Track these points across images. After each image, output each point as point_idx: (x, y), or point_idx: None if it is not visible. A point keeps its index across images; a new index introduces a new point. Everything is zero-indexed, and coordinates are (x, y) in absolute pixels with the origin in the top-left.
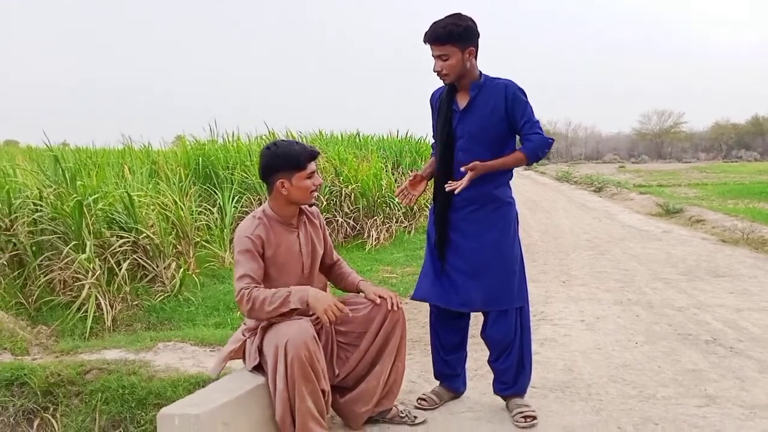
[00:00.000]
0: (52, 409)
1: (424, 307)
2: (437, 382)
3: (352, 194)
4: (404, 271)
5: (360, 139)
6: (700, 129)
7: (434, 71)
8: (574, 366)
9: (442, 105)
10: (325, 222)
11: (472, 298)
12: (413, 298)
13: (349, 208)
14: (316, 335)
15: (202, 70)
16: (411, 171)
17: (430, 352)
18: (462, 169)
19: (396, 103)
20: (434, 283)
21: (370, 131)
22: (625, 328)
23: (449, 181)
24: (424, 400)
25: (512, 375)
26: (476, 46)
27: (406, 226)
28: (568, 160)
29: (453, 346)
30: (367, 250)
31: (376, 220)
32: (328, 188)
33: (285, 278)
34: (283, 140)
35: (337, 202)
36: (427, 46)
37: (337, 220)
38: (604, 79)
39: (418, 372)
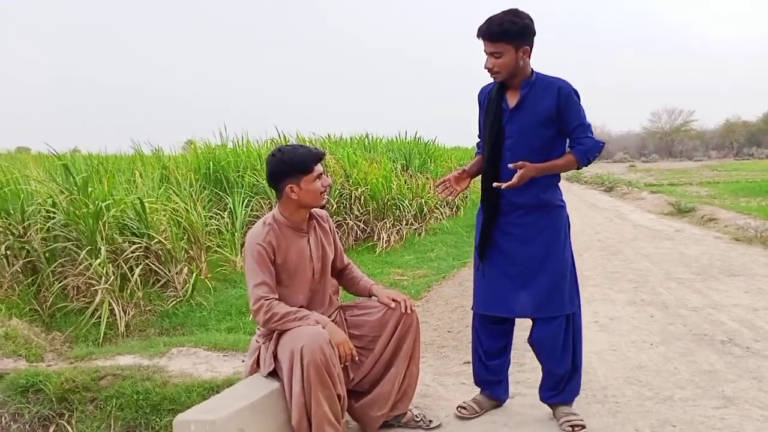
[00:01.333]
0: (67, 415)
1: (437, 311)
2: (450, 385)
3: (362, 197)
4: (415, 274)
5: (369, 141)
6: (711, 127)
7: (485, 68)
8: (590, 368)
9: (491, 103)
10: (334, 225)
11: (521, 304)
12: (477, 311)
13: (359, 211)
14: (330, 339)
15: (213, 73)
16: (436, 178)
17: (443, 355)
18: (510, 166)
19: (402, 103)
20: (489, 293)
21: (379, 133)
22: (640, 329)
23: (494, 181)
24: (465, 408)
25: (561, 382)
26: (531, 45)
27: (416, 228)
28: None
29: (496, 351)
30: (377, 252)
31: (386, 222)
32: (338, 191)
33: (296, 283)
34: (287, 145)
35: (347, 205)
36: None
37: (348, 223)
38: (613, 78)
39: (432, 375)
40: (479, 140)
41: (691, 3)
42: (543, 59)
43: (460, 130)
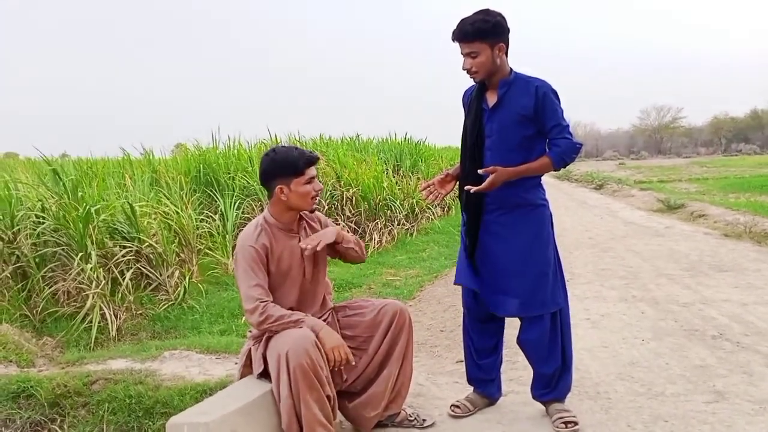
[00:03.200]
0: (59, 420)
1: (429, 310)
2: (444, 384)
3: (354, 198)
4: (407, 274)
5: (359, 142)
6: (699, 124)
7: (463, 69)
8: (581, 364)
9: (472, 103)
10: (327, 219)
11: (506, 303)
12: (456, 282)
13: (350, 212)
14: (317, 341)
15: (203, 74)
16: (427, 177)
17: (436, 354)
18: (480, 172)
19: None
20: (472, 273)
21: (369, 134)
22: (631, 326)
23: (477, 181)
24: (458, 407)
25: (552, 380)
26: (506, 42)
27: (408, 228)
28: None
29: (488, 350)
30: (369, 253)
31: (377, 223)
32: (329, 192)
33: (287, 284)
34: (282, 146)
35: (339, 206)
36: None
37: (339, 224)
38: (601, 77)
39: (425, 375)
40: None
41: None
42: (530, 59)
43: (450, 130)
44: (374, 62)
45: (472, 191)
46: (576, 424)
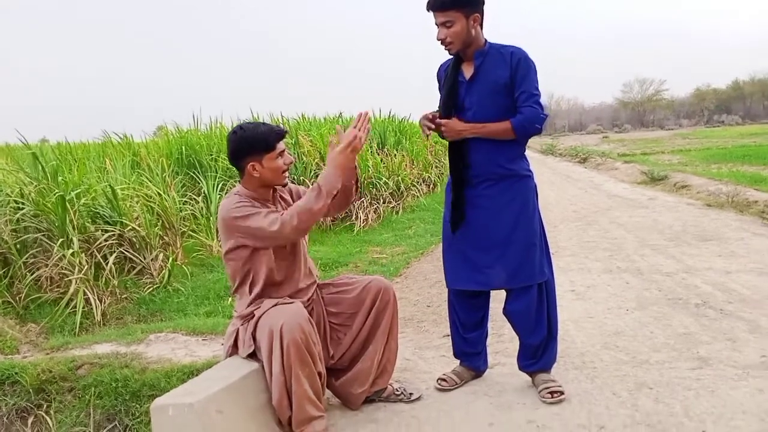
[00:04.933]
0: (45, 406)
1: (416, 286)
2: (430, 358)
3: None
4: (393, 251)
5: (343, 122)
6: (681, 95)
7: (438, 39)
8: (567, 335)
9: (448, 77)
10: (298, 187)
11: (493, 276)
12: (451, 287)
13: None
14: (309, 317)
15: (184, 58)
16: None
17: (423, 329)
18: (437, 121)
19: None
20: (460, 268)
21: (352, 113)
22: (616, 296)
23: (461, 155)
24: (444, 380)
25: (538, 351)
26: (481, 13)
27: (393, 206)
28: (551, 132)
29: (473, 323)
30: (355, 231)
31: (363, 201)
32: (313, 172)
33: (266, 255)
34: (248, 123)
35: None
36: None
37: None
38: (584, 50)
39: (412, 350)
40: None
41: None
42: (513, 35)
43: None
44: (355, 42)
45: (438, 122)
46: (562, 393)
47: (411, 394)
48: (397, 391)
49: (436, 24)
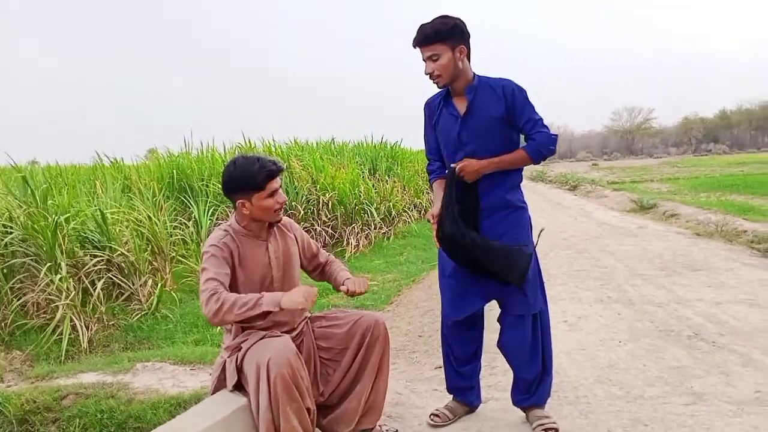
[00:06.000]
0: None
1: (407, 315)
2: (423, 392)
3: (330, 202)
4: (385, 278)
5: (335, 146)
6: (670, 124)
7: (426, 74)
8: (560, 368)
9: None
10: (302, 230)
11: (491, 287)
12: (451, 319)
13: (326, 216)
14: (298, 352)
15: (177, 82)
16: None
17: (415, 360)
18: (452, 165)
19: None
20: (459, 298)
21: (344, 138)
22: (608, 327)
23: (473, 187)
24: (437, 416)
25: (533, 385)
26: (467, 46)
27: (385, 233)
28: None
29: (467, 357)
30: (346, 258)
31: (354, 227)
32: (305, 197)
33: (253, 290)
34: (244, 157)
35: (315, 211)
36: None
37: (315, 229)
38: (574, 79)
39: (404, 383)
40: (431, 163)
41: (648, 3)
42: (504, 64)
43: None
44: (352, 64)
45: (454, 167)
46: (556, 430)
47: None
48: None
49: (423, 60)
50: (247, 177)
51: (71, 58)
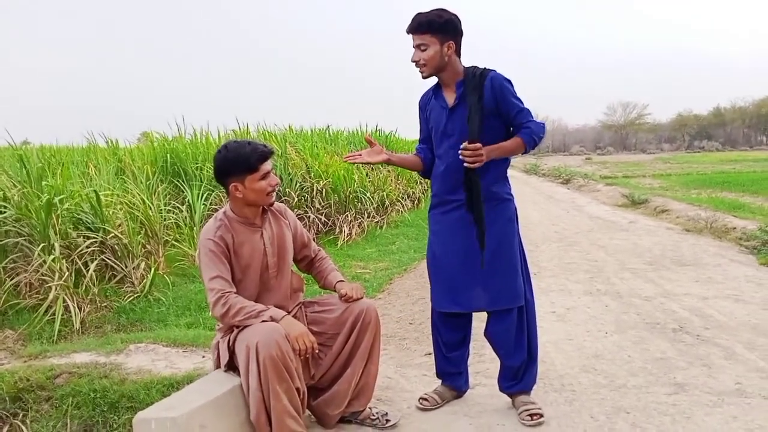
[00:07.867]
0: (21, 415)
1: (399, 303)
2: (412, 377)
3: (324, 190)
4: (377, 267)
5: (330, 134)
6: (664, 120)
7: (412, 61)
8: (547, 357)
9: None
10: (296, 218)
11: (474, 299)
12: (437, 309)
13: (320, 204)
14: (288, 334)
15: (171, 66)
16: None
17: (405, 347)
18: (462, 146)
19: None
20: (444, 291)
21: (340, 125)
22: (595, 319)
23: (469, 175)
24: (426, 399)
25: (519, 372)
26: (458, 43)
27: (378, 221)
28: (535, 152)
29: (455, 343)
30: (339, 246)
31: (347, 215)
32: (299, 184)
33: (248, 278)
34: (235, 141)
35: (309, 198)
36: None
37: (309, 216)
38: (569, 73)
39: (394, 368)
40: (420, 143)
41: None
42: (499, 56)
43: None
44: (355, 53)
45: (462, 152)
46: (541, 416)
47: (387, 421)
48: (373, 416)
49: (413, 46)
50: (240, 159)
51: (53, 44)
